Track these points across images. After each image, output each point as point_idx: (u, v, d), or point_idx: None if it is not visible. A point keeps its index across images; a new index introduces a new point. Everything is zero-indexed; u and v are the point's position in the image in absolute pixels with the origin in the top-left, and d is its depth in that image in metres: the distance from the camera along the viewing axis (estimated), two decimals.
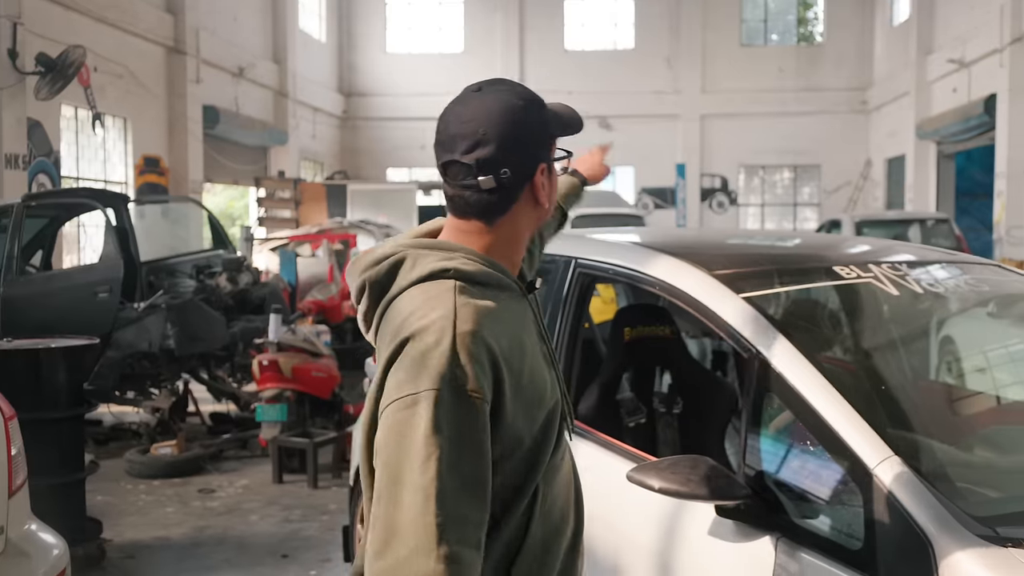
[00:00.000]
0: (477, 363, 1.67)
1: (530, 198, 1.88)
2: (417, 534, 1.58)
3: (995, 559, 2.09)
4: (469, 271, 1.81)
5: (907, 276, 3.19)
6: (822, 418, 2.48)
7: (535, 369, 1.84)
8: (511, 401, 1.74)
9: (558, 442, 1.91)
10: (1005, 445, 3.11)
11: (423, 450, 1.61)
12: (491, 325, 1.73)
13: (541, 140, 1.89)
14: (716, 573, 2.66)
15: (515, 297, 1.90)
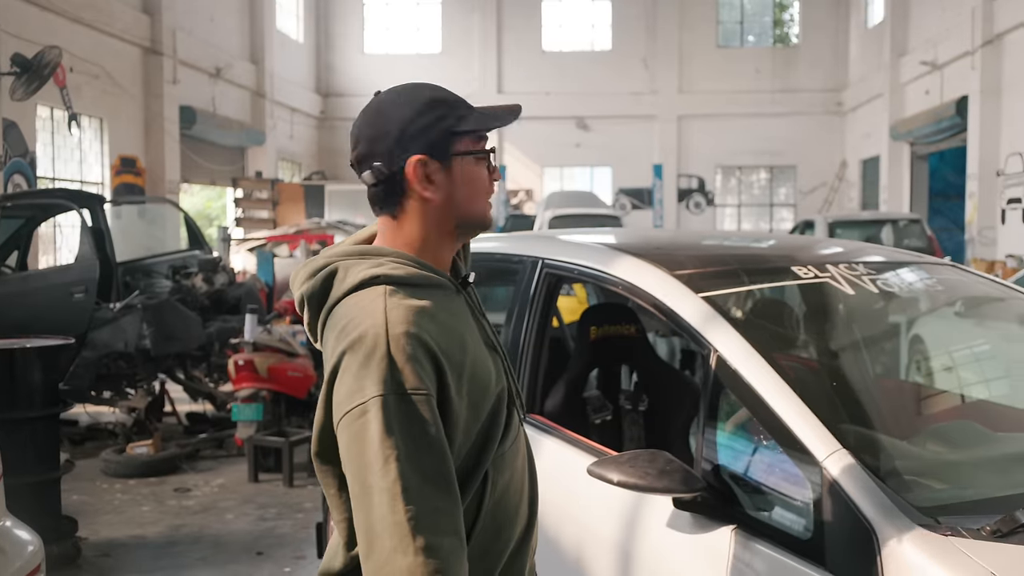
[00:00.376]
0: (415, 362, 1.74)
1: (419, 189, 1.94)
2: (392, 534, 1.65)
3: (935, 547, 2.17)
4: (398, 275, 1.87)
5: (863, 276, 3.28)
6: (774, 413, 2.56)
7: (478, 362, 1.90)
8: (456, 394, 1.81)
9: (507, 430, 1.98)
10: (957, 439, 3.20)
11: (380, 454, 1.68)
12: (425, 324, 1.80)
13: (413, 133, 1.92)
14: (674, 564, 2.74)
15: (450, 294, 1.96)
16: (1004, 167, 17.52)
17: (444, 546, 1.68)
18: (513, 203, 28.99)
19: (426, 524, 1.67)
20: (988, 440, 3.21)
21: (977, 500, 2.47)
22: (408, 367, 1.73)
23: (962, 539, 2.19)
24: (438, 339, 1.80)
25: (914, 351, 4.05)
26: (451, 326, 1.88)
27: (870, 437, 2.79)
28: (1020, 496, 2.42)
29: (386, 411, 1.70)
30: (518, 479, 2.05)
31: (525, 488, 2.10)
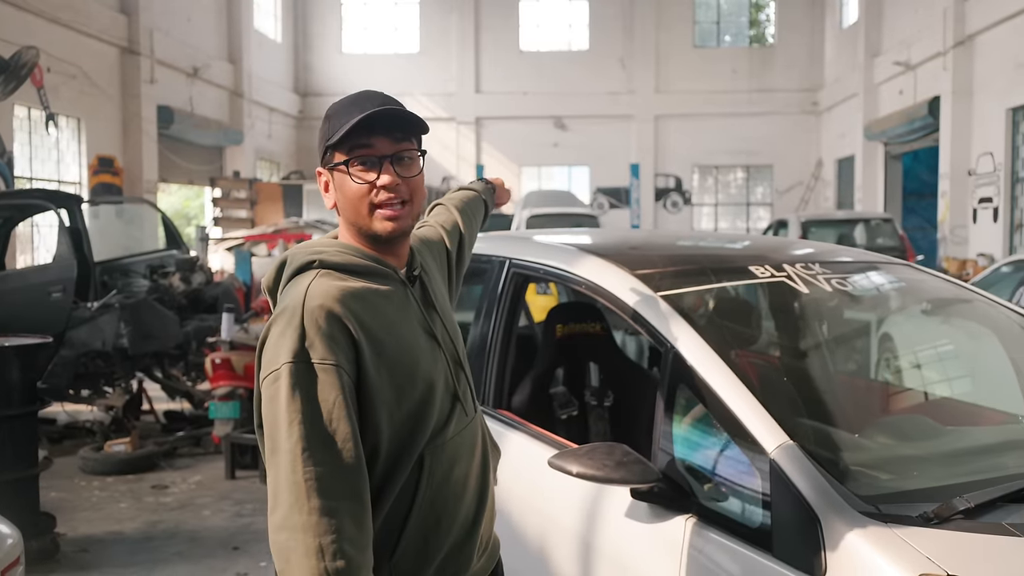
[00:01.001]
0: (325, 335, 1.87)
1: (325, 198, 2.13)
2: (291, 492, 1.78)
3: (874, 534, 2.29)
4: (334, 261, 2.03)
5: (819, 276, 3.40)
6: (726, 406, 2.68)
7: (406, 347, 2.02)
8: (374, 371, 1.93)
9: (447, 422, 2.10)
10: (907, 433, 3.32)
11: (286, 417, 1.82)
12: (347, 301, 1.93)
13: (321, 151, 2.11)
14: (632, 552, 2.85)
15: (390, 283, 2.08)
16: (975, 167, 17.74)
17: (340, 509, 1.79)
18: (498, 206, 28.98)
19: (323, 486, 1.78)
20: (937, 434, 3.34)
21: (918, 489, 2.58)
22: (318, 339, 1.86)
23: (900, 526, 2.30)
24: (359, 317, 1.93)
25: (883, 348, 4.18)
26: (379, 308, 2.00)
27: (819, 430, 2.91)
28: (959, 485, 2.54)
29: (294, 377, 1.83)
30: (462, 472, 2.15)
31: (473, 483, 2.20)
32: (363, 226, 2.08)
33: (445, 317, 2.24)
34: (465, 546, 2.18)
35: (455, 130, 29.52)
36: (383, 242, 2.09)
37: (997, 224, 16.83)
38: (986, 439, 3.29)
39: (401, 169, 2.08)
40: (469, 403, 2.23)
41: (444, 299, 2.32)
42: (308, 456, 1.80)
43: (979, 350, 3.92)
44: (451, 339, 2.22)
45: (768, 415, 2.61)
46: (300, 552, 1.76)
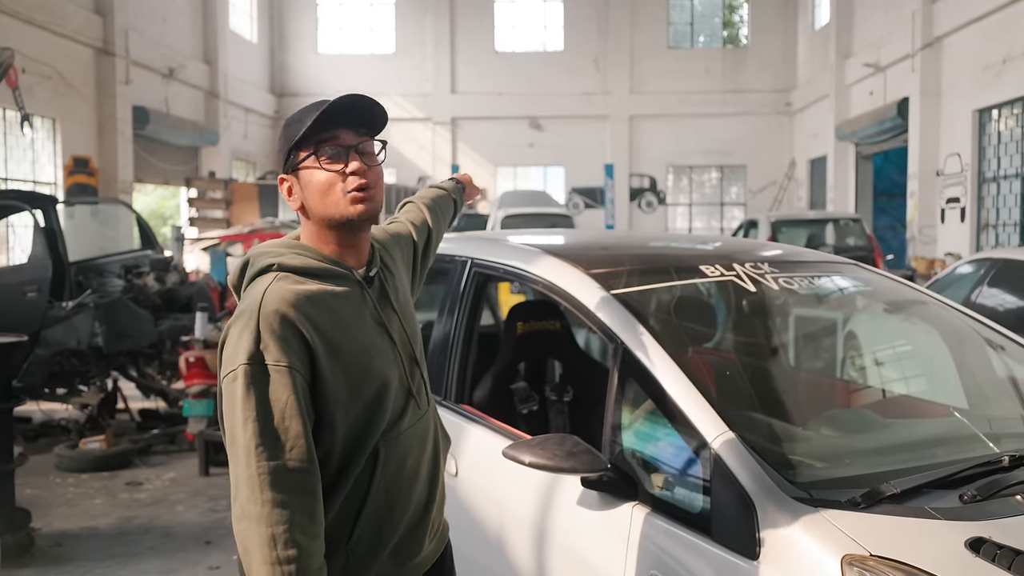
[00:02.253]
0: (279, 338, 2.00)
1: (290, 204, 2.25)
2: (247, 485, 1.93)
3: (805, 518, 2.43)
4: (292, 264, 2.16)
5: (767, 275, 3.55)
6: (671, 399, 2.82)
7: (360, 347, 2.15)
8: (329, 371, 2.07)
9: (402, 415, 2.24)
10: (849, 425, 3.48)
11: (242, 415, 1.96)
12: (301, 304, 2.06)
13: (284, 156, 2.22)
14: (583, 539, 2.99)
15: (348, 284, 2.21)
16: (943, 167, 17.99)
17: (292, 501, 1.94)
18: (467, 202, 29.09)
19: (275, 480, 1.93)
20: (877, 426, 3.50)
21: (850, 477, 2.73)
22: (272, 341, 2.00)
23: (830, 510, 2.45)
24: (313, 320, 2.06)
25: (830, 344, 4.34)
26: (333, 310, 2.13)
27: (760, 422, 3.06)
28: (889, 473, 2.69)
29: (248, 378, 1.97)
30: (415, 462, 2.29)
31: (425, 471, 2.34)
32: (334, 214, 2.17)
33: (403, 315, 2.35)
34: (417, 530, 2.31)
35: (431, 130, 29.63)
36: (351, 229, 2.20)
37: (964, 224, 17.09)
38: (922, 431, 3.45)
39: (365, 159, 2.19)
40: (423, 397, 2.35)
41: (405, 297, 2.43)
42: (261, 451, 1.95)
43: (924, 347, 4.08)
44: (408, 337, 2.34)
45: (710, 408, 2.75)
46: (256, 542, 1.91)
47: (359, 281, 2.24)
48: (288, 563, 1.91)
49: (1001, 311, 7.13)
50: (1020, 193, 15.55)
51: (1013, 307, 7.09)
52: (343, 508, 2.16)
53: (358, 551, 2.19)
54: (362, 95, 2.19)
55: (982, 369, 3.82)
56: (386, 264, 2.40)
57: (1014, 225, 15.82)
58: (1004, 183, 16.23)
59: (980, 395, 3.76)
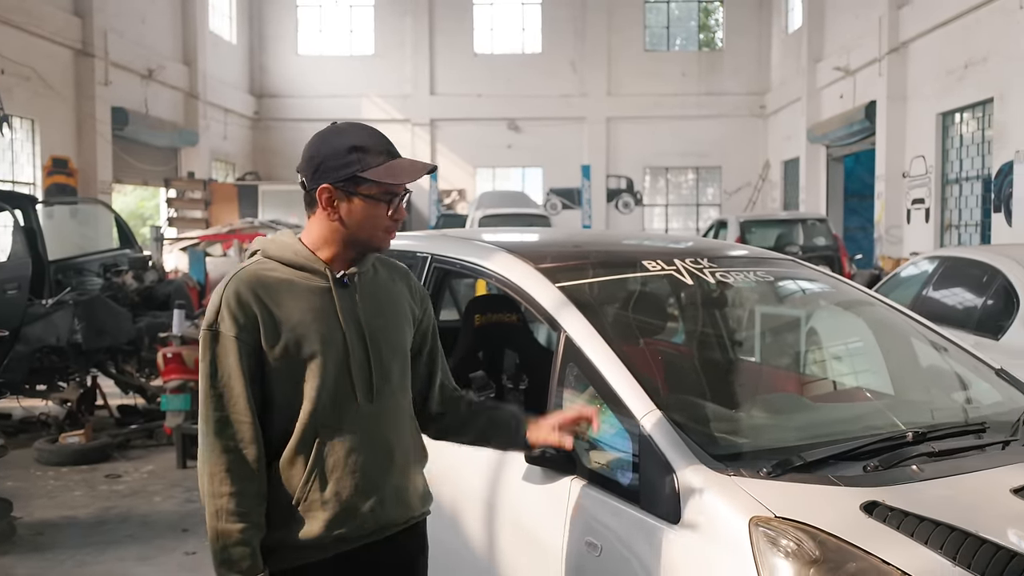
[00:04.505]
0: (230, 310, 2.39)
1: (322, 208, 2.50)
2: (203, 427, 2.39)
3: (720, 485, 2.70)
4: (272, 252, 2.53)
5: (704, 269, 3.82)
6: (606, 381, 3.09)
7: (302, 333, 2.44)
8: (267, 345, 2.42)
9: (345, 405, 2.50)
10: (778, 408, 3.76)
11: (202, 370, 2.40)
12: (255, 285, 2.43)
13: (328, 168, 2.47)
14: (527, 511, 3.25)
15: (317, 278, 2.51)
16: (909, 169, 18.35)
17: (230, 448, 2.37)
18: (446, 203, 29.45)
19: (219, 428, 2.37)
20: (804, 408, 3.79)
21: (766, 449, 3.00)
22: (226, 313, 2.38)
23: (742, 478, 2.72)
24: (262, 300, 2.41)
25: (760, 331, 4.63)
26: (286, 296, 2.45)
27: (689, 402, 3.33)
28: (802, 446, 2.97)
29: (206, 342, 2.39)
30: (355, 460, 2.51)
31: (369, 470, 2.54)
32: (370, 241, 2.53)
33: (376, 316, 2.61)
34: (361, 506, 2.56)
35: (410, 131, 29.82)
36: (364, 250, 2.56)
37: (929, 224, 17.45)
38: (842, 412, 3.74)
39: (402, 204, 2.56)
40: (379, 396, 2.57)
41: (385, 305, 2.66)
42: (209, 402, 2.39)
43: (852, 336, 4.37)
44: (375, 335, 2.58)
45: (641, 389, 3.02)
46: (203, 478, 2.41)
47: (329, 278, 2.53)
48: (221, 497, 2.34)
49: (948, 305, 7.44)
50: (981, 194, 15.92)
51: (957, 301, 7.40)
52: (287, 476, 2.46)
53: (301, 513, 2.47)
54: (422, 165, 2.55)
55: (904, 356, 4.12)
56: (372, 279, 2.66)
57: (975, 225, 16.19)
58: (966, 184, 16.60)
59: (903, 381, 4.06)
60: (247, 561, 2.35)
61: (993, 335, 6.49)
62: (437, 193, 28.93)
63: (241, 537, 2.35)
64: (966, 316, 7.07)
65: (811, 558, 2.46)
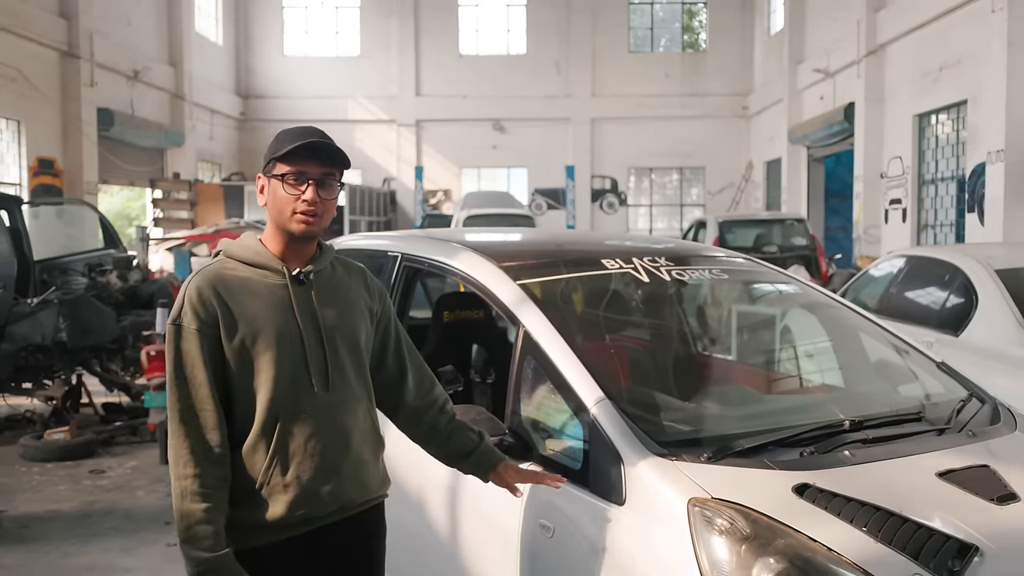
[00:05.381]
0: (192, 306, 2.58)
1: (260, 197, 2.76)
2: (169, 413, 2.58)
3: (662, 469, 2.89)
4: (233, 252, 2.73)
5: (661, 268, 4.01)
6: (560, 372, 3.27)
7: (258, 328, 2.62)
8: (226, 338, 2.59)
9: (301, 402, 2.67)
10: (728, 399, 3.95)
11: (167, 362, 2.58)
12: (216, 282, 2.62)
13: (266, 161, 2.71)
14: (486, 496, 3.41)
15: (274, 275, 2.70)
16: (887, 170, 18.59)
17: (192, 433, 2.55)
18: (431, 203, 29.62)
19: (183, 415, 2.56)
20: (752, 400, 3.98)
21: (709, 437, 3.19)
22: (189, 308, 2.57)
23: (684, 463, 2.91)
24: (221, 296, 2.60)
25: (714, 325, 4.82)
26: (244, 292, 2.64)
27: (636, 392, 3.53)
28: (744, 434, 3.16)
29: (171, 335, 2.58)
30: (315, 445, 2.68)
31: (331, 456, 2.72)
32: (283, 224, 2.67)
33: (331, 311, 2.78)
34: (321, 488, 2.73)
35: (396, 132, 30.01)
36: (292, 238, 2.70)
37: (906, 224, 17.70)
38: (787, 403, 3.94)
39: (323, 191, 2.68)
40: (335, 385, 2.73)
41: (341, 302, 2.83)
42: (174, 391, 2.58)
43: (804, 332, 4.57)
44: (330, 329, 2.75)
45: (592, 380, 3.21)
46: (170, 460, 2.58)
47: (285, 276, 2.71)
48: (186, 479, 2.52)
49: (912, 302, 7.65)
50: (955, 195, 16.16)
51: (921, 299, 7.60)
52: (250, 462, 2.63)
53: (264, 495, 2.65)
54: (331, 144, 2.69)
55: (853, 351, 4.31)
56: (329, 277, 2.84)
57: (950, 225, 16.43)
58: (941, 185, 16.85)
59: (852, 374, 4.26)
60: (210, 540, 2.52)
61: (953, 331, 6.68)
62: (422, 193, 29.12)
63: (204, 516, 2.51)
64: (929, 313, 7.27)
65: (743, 535, 2.64)
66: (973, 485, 2.99)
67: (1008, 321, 6.27)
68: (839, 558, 2.59)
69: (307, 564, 2.74)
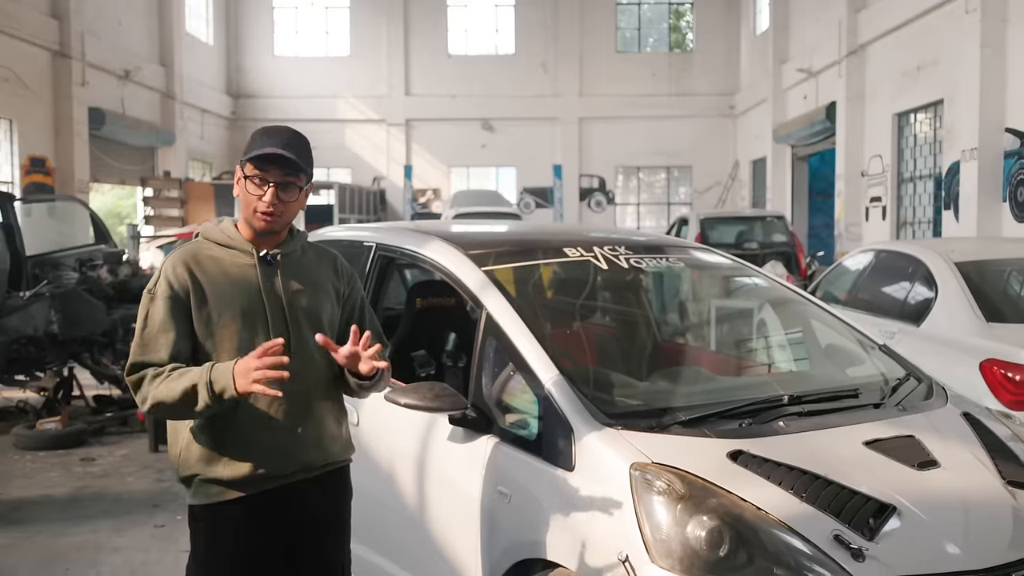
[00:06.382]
0: (167, 278, 2.87)
1: None
2: (132, 348, 2.88)
3: (608, 437, 3.14)
4: (209, 234, 3.01)
5: (620, 256, 4.27)
6: (519, 351, 3.53)
7: (225, 298, 2.91)
8: (195, 308, 2.88)
9: None
10: (682, 379, 4.21)
11: (137, 322, 2.88)
12: (188, 259, 2.92)
13: (240, 157, 2.97)
14: (451, 467, 3.68)
15: (243, 256, 2.98)
16: (867, 168, 18.88)
17: (144, 372, 2.83)
18: (420, 202, 29.85)
19: (140, 352, 2.85)
20: (704, 379, 4.23)
21: (655, 409, 3.44)
22: (163, 279, 2.87)
23: (628, 432, 3.17)
24: (192, 271, 2.89)
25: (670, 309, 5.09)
26: (209, 268, 2.93)
27: (590, 370, 3.78)
28: (686, 407, 3.42)
29: (144, 301, 2.88)
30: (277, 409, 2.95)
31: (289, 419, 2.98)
32: (248, 219, 2.98)
33: (295, 289, 3.05)
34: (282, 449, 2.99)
35: (385, 131, 30.23)
36: (255, 231, 2.99)
37: (885, 221, 17.99)
38: (735, 382, 4.20)
39: (283, 194, 2.95)
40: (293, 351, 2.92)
41: (306, 282, 3.09)
42: (138, 337, 2.88)
43: (757, 315, 4.83)
44: (293, 305, 3.02)
45: (548, 358, 3.46)
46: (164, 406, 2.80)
47: (254, 256, 2.99)
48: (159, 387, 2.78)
49: (878, 294, 7.90)
50: (933, 192, 16.44)
51: (886, 290, 7.85)
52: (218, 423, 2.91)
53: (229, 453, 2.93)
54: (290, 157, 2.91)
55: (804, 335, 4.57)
56: (298, 259, 3.10)
57: (928, 222, 16.73)
58: (919, 183, 17.14)
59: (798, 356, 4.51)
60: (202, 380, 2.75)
61: (915, 322, 6.92)
62: (412, 192, 29.35)
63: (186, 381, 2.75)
64: (893, 304, 7.52)
65: (679, 495, 2.89)
66: (897, 453, 3.24)
67: (965, 312, 6.50)
68: (766, 516, 2.84)
69: (274, 519, 3.00)
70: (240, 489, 2.93)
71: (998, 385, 5.69)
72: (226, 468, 2.91)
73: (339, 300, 3.18)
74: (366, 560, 4.06)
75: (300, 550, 3.09)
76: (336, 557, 3.21)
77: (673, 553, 2.79)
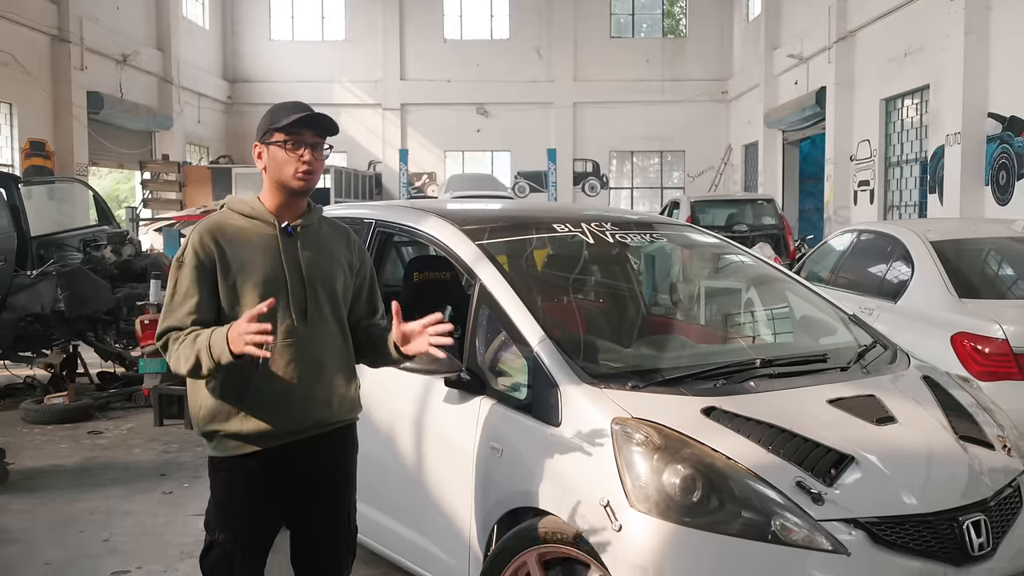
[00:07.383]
0: (193, 247, 3.11)
1: (257, 162, 3.28)
2: (163, 314, 3.10)
3: (591, 395, 3.41)
4: (234, 205, 3.27)
5: (607, 232, 4.54)
6: (509, 318, 3.80)
7: (247, 267, 3.15)
8: (221, 274, 3.12)
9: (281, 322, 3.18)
10: (664, 346, 4.49)
11: (167, 288, 3.14)
12: (215, 229, 3.16)
13: (259, 129, 3.24)
14: (447, 427, 3.95)
15: (266, 226, 3.23)
16: (856, 152, 19.16)
17: (170, 329, 3.09)
18: (416, 185, 30.07)
19: (170, 315, 3.11)
20: (684, 347, 4.51)
21: (637, 371, 3.72)
22: (190, 248, 3.12)
23: (610, 390, 3.44)
24: (218, 240, 3.14)
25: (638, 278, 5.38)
26: (235, 237, 3.18)
27: (576, 336, 4.05)
28: (666, 369, 3.70)
29: (173, 268, 3.13)
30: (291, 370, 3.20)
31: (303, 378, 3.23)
32: (284, 182, 3.19)
33: (313, 259, 3.30)
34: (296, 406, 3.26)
35: (380, 116, 30.44)
36: (291, 193, 3.23)
37: (873, 205, 18.28)
38: (713, 349, 4.48)
39: (316, 154, 3.23)
40: (312, 319, 3.25)
41: (323, 253, 3.34)
42: (168, 300, 3.13)
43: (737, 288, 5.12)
44: (310, 273, 3.27)
45: (536, 323, 3.73)
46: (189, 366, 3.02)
47: (276, 227, 3.24)
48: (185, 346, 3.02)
49: (858, 272, 8.18)
50: (919, 176, 16.73)
51: (866, 269, 8.13)
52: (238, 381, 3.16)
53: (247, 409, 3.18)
54: (325, 116, 3.23)
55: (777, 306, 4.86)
56: (316, 232, 3.36)
57: (914, 206, 17.02)
58: (906, 167, 17.44)
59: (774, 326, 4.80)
60: None
61: (892, 299, 7.19)
62: (407, 176, 29.58)
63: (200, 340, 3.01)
64: (872, 282, 7.79)
65: (656, 446, 3.16)
66: (858, 410, 3.53)
67: (939, 288, 6.77)
68: (736, 465, 3.12)
69: (287, 471, 3.27)
70: (256, 444, 3.19)
71: (968, 357, 5.97)
72: (244, 423, 3.16)
73: (351, 271, 3.45)
74: (369, 518, 4.33)
75: (311, 498, 3.37)
76: (343, 504, 3.49)
77: (650, 498, 3.05)
